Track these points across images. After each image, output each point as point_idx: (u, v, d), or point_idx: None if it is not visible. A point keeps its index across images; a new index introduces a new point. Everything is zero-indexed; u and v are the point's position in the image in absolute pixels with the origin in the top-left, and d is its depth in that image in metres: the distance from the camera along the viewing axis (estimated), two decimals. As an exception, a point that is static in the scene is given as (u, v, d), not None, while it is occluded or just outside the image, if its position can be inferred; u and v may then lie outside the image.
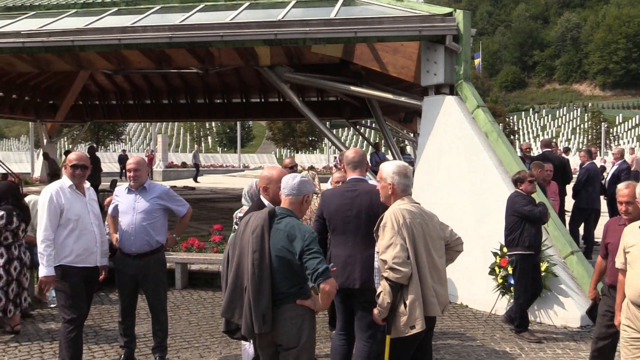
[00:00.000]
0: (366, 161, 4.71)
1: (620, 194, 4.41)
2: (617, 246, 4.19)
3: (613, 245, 4.44)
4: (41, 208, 4.67)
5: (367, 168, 4.85)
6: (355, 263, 4.26)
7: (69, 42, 8.62)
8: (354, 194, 4.39)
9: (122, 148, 48.19)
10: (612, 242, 4.50)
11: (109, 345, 5.81)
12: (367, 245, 4.25)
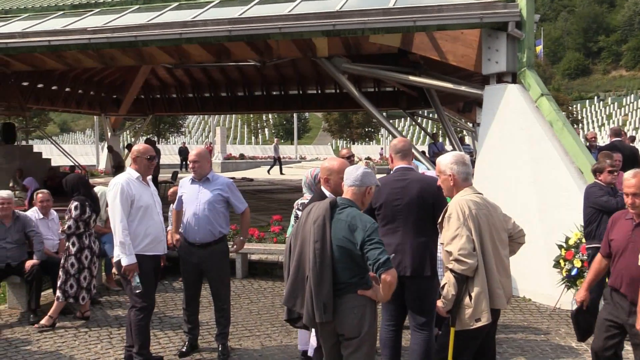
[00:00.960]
0: (412, 150, 4.69)
1: (626, 185, 3.82)
2: (623, 243, 3.84)
3: (617, 243, 3.95)
4: (113, 199, 4.78)
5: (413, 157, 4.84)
6: (406, 251, 4.26)
7: (132, 37, 8.85)
8: (404, 183, 4.38)
9: (182, 140, 49.28)
10: (617, 238, 3.97)
11: (174, 332, 5.97)
12: (418, 233, 4.27)
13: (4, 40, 9.66)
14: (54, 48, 9.47)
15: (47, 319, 6.02)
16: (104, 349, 5.48)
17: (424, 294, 4.30)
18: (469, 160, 3.94)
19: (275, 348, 5.54)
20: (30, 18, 10.69)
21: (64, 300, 6.11)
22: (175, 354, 5.36)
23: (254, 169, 34.28)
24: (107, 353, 5.38)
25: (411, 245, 4.25)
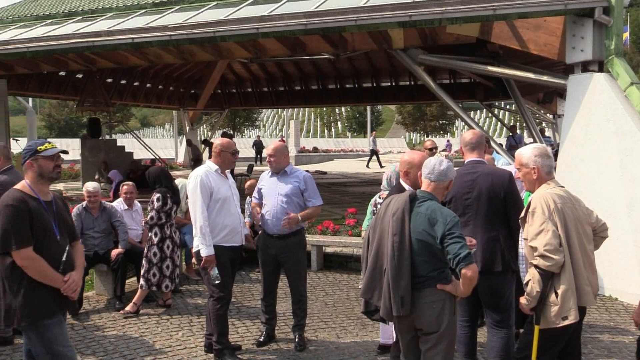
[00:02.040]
0: (485, 143, 4.55)
1: None
2: None
3: None
4: (193, 191, 4.89)
5: (486, 150, 4.70)
6: (477, 246, 4.14)
7: (211, 33, 9.04)
8: (474, 176, 4.27)
9: (257, 134, 50.09)
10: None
11: (251, 321, 6.08)
12: (488, 227, 4.17)
13: (90, 39, 10.10)
14: (137, 45, 9.81)
15: (131, 306, 6.27)
16: (185, 336, 5.65)
17: (496, 290, 4.18)
18: (551, 152, 3.80)
19: (351, 341, 5.54)
20: (115, 17, 11.13)
21: (147, 288, 6.35)
22: (253, 343, 5.45)
23: (327, 162, 34.42)
24: (188, 340, 5.55)
25: (481, 240, 4.15)
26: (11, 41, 11.01)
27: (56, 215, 3.55)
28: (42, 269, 3.39)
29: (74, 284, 3.49)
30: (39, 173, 3.50)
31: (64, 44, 10.37)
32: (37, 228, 3.41)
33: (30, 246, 3.37)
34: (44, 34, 10.89)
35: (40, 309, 3.42)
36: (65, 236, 3.58)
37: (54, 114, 71.43)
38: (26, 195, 3.46)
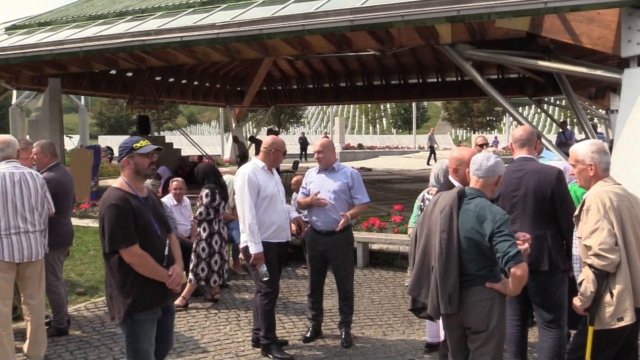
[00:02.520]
0: (535, 140, 4.44)
1: None
2: None
3: None
4: (241, 188, 4.92)
5: (537, 146, 4.59)
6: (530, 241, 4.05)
7: (257, 30, 9.11)
8: (521, 174, 4.18)
9: (302, 131, 50.31)
10: None
11: (298, 317, 6.12)
12: (535, 226, 4.07)
13: (141, 37, 10.31)
14: (186, 44, 9.97)
15: (180, 300, 6.39)
16: (233, 331, 5.73)
17: (544, 290, 4.09)
18: (608, 148, 3.68)
19: (398, 338, 5.52)
20: (164, 16, 11.32)
21: (195, 283, 6.46)
22: (300, 338, 5.49)
23: (372, 158, 34.32)
24: (236, 335, 5.62)
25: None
26: (65, 41, 11.33)
27: (154, 210, 3.65)
28: (149, 265, 3.50)
29: (178, 276, 3.60)
30: (135, 170, 3.59)
31: (115, 43, 10.62)
32: (140, 225, 3.51)
33: (136, 243, 3.48)
34: (96, 34, 11.17)
35: (144, 303, 3.52)
36: (164, 230, 3.68)
37: (105, 111, 73.34)
38: (126, 193, 3.55)
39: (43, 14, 15.09)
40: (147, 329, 3.58)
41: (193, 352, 5.19)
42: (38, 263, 4.88)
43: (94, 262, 8.29)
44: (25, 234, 4.71)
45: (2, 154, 4.80)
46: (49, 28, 13.03)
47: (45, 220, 4.96)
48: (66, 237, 5.60)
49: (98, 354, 5.13)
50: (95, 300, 6.67)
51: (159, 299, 3.60)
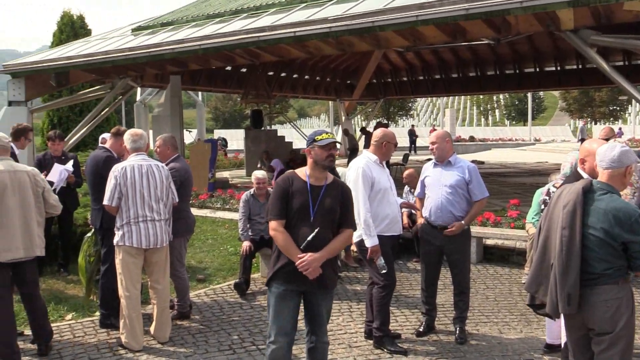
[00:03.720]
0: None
1: None
2: None
3: None
4: (355, 182, 4.91)
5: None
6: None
7: (370, 23, 9.09)
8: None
9: (411, 123, 49.78)
10: None
11: (410, 311, 6.07)
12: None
13: (255, 34, 10.61)
14: (298, 38, 10.14)
15: (294, 290, 6.52)
16: (345, 322, 5.78)
17: None
18: None
19: (515, 337, 5.33)
20: (277, 12, 11.58)
21: (309, 273, 6.56)
22: (413, 332, 5.44)
23: (484, 151, 33.32)
24: (348, 326, 5.66)
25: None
26: (185, 40, 11.89)
27: (320, 199, 3.79)
28: (283, 242, 3.77)
29: (307, 263, 3.70)
30: (314, 160, 3.85)
31: (231, 40, 11.00)
32: (293, 206, 3.79)
33: (278, 220, 3.80)
34: (213, 32, 11.62)
35: (277, 276, 3.84)
36: (323, 220, 3.78)
37: (220, 106, 76.45)
38: (297, 177, 3.88)
39: (165, 15, 15.93)
40: (276, 301, 3.82)
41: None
42: (163, 250, 5.18)
43: (212, 251, 8.67)
44: (151, 222, 5.01)
45: (134, 145, 5.13)
46: (171, 28, 13.74)
47: (169, 210, 5.25)
48: (190, 224, 5.90)
49: (218, 338, 5.36)
50: (214, 287, 6.97)
51: (291, 277, 3.77)
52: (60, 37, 23.77)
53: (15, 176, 4.68)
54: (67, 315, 5.90)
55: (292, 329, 3.88)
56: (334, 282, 4.00)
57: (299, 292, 3.86)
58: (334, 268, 3.96)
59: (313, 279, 3.74)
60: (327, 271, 3.82)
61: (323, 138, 3.83)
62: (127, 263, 4.99)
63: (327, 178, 3.89)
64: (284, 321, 3.84)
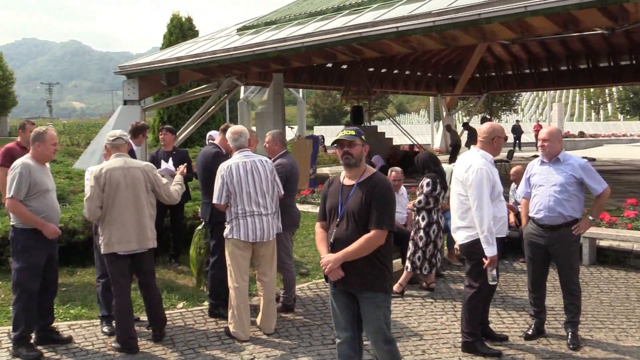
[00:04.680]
0: None
1: None
2: None
3: None
4: (479, 185, 4.62)
5: None
6: None
7: (475, 15, 8.85)
8: None
9: (516, 118, 47.99)
10: None
11: (517, 313, 5.86)
12: None
13: (357, 30, 10.63)
14: (401, 34, 10.05)
15: (397, 287, 6.48)
16: (449, 321, 5.67)
17: None
18: None
19: (633, 345, 5.01)
20: (379, 8, 11.54)
21: (412, 271, 6.51)
22: (520, 335, 5.25)
23: (595, 147, 31.58)
24: (452, 325, 5.55)
25: None
26: (288, 38, 12.12)
27: (347, 199, 3.76)
28: (317, 242, 3.90)
29: (323, 264, 3.73)
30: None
31: (333, 38, 11.09)
32: (327, 207, 3.90)
33: (320, 221, 3.93)
34: (316, 30, 11.77)
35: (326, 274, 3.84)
36: (349, 220, 3.72)
37: (319, 103, 77.31)
38: (337, 178, 3.95)
39: (269, 14, 16.31)
40: (330, 300, 3.92)
41: (410, 339, 5.23)
42: (270, 243, 5.30)
43: (314, 246, 8.76)
44: (258, 217, 5.15)
45: (236, 144, 5.28)
46: (274, 27, 14.05)
47: (276, 204, 5.36)
48: (295, 219, 6.00)
49: (321, 332, 5.42)
50: (316, 282, 7.05)
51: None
52: (170, 38, 24.99)
53: (128, 173, 4.95)
54: (178, 304, 6.19)
55: (346, 324, 3.87)
56: (368, 286, 3.69)
57: (345, 292, 3.80)
58: (369, 271, 3.68)
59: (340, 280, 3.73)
60: (352, 272, 3.68)
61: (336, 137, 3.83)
62: (236, 256, 5.16)
63: (361, 176, 3.76)
64: (337, 318, 3.89)
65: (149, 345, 5.10)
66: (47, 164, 5.16)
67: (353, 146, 3.73)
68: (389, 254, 3.82)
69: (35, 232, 4.86)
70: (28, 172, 4.81)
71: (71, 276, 7.14)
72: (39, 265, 4.93)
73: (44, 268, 4.99)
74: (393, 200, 3.73)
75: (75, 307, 6.04)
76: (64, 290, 6.49)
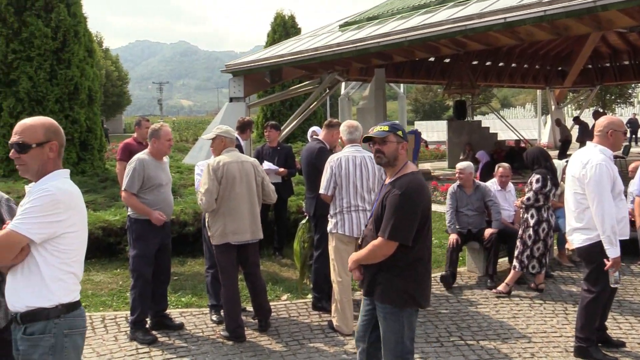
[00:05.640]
0: None
1: None
2: None
3: None
4: (599, 183, 4.36)
5: None
6: None
7: (591, 3, 8.35)
8: None
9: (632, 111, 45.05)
10: None
11: (635, 318, 5.54)
12: None
13: (462, 23, 10.35)
14: (509, 25, 9.67)
15: (503, 286, 6.28)
16: (560, 324, 5.43)
17: None
18: None
19: None
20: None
21: (520, 270, 6.28)
22: (639, 342, 4.94)
23: None
24: (564, 328, 5.31)
25: None
26: (391, 33, 12.01)
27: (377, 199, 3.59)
28: None
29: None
30: None
31: (437, 31, 10.87)
32: None
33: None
34: (419, 23, 11.58)
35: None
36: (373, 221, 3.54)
37: (420, 98, 76.21)
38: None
39: (371, 9, 16.27)
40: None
41: (518, 340, 5.06)
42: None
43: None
44: (363, 212, 5.15)
45: (350, 137, 5.31)
46: (377, 22, 13.98)
47: None
48: None
49: (425, 329, 5.36)
50: (419, 278, 6.98)
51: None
52: (274, 36, 25.56)
53: (242, 166, 5.12)
54: (282, 296, 6.33)
55: (362, 332, 3.69)
56: (376, 295, 3.45)
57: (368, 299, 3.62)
58: (379, 279, 3.44)
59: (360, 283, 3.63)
60: (366, 277, 3.53)
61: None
62: (340, 250, 5.19)
63: (394, 175, 3.46)
64: (358, 325, 3.75)
65: (255, 335, 5.25)
66: (165, 158, 5.43)
67: (385, 143, 3.42)
68: (408, 265, 3.38)
69: (149, 222, 5.15)
70: (142, 167, 5.11)
71: (182, 266, 7.49)
72: (151, 253, 5.22)
73: (157, 256, 5.27)
74: (404, 207, 3.29)
75: (186, 296, 6.33)
76: (175, 279, 6.82)
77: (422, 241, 3.40)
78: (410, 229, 3.30)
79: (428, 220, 3.41)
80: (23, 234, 2.50)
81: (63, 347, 2.62)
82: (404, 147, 3.46)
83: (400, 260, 3.36)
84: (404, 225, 3.28)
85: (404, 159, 3.47)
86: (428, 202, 3.43)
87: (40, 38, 11.52)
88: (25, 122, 2.70)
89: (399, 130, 3.47)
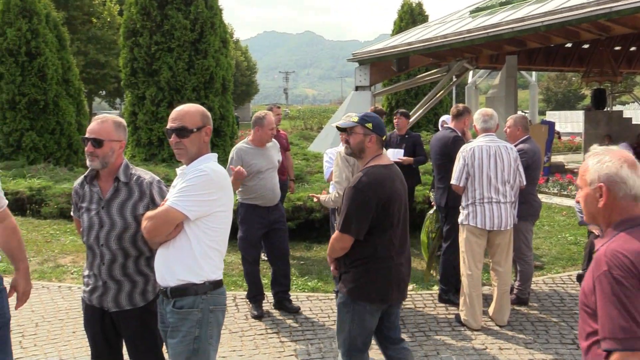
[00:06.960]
0: None
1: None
2: None
3: None
4: None
5: None
6: None
7: None
8: None
9: None
10: None
11: None
12: None
13: (608, 5, 9.65)
14: (663, 5, 8.91)
15: None
16: None
17: None
18: None
19: None
20: (634, -22, 10.34)
21: None
22: None
23: None
24: None
25: None
26: (526, 17, 11.46)
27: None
28: None
29: None
30: None
31: (578, 14, 10.22)
32: None
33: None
34: (558, 7, 10.95)
35: None
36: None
37: (552, 86, 72.34)
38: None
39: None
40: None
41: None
42: (507, 232, 5.08)
43: (549, 238, 8.28)
44: (496, 204, 4.96)
45: (484, 125, 5.12)
46: (510, 7, 13.40)
47: (515, 193, 5.12)
48: (536, 208, 5.68)
49: (559, 330, 5.08)
50: (552, 276, 6.64)
51: None
52: (400, 24, 25.28)
53: None
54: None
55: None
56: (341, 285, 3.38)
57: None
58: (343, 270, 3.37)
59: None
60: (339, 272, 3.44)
61: None
62: (471, 242, 5.04)
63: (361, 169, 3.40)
64: None
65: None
66: (271, 143, 5.50)
67: (351, 134, 3.33)
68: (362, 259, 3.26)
69: (253, 206, 5.34)
70: (239, 156, 5.29)
71: (308, 251, 7.63)
72: (256, 236, 5.41)
73: (270, 239, 5.47)
74: (355, 201, 3.19)
75: (312, 280, 6.45)
76: (302, 264, 6.97)
77: (380, 236, 3.25)
78: (360, 223, 3.19)
79: (391, 217, 3.25)
80: (180, 210, 2.63)
81: (208, 322, 2.74)
82: (372, 140, 3.31)
83: (354, 254, 3.29)
84: (353, 219, 3.20)
85: (372, 152, 3.33)
86: (388, 196, 3.23)
87: (180, 30, 12.21)
88: (182, 108, 2.84)
89: (369, 122, 3.31)
